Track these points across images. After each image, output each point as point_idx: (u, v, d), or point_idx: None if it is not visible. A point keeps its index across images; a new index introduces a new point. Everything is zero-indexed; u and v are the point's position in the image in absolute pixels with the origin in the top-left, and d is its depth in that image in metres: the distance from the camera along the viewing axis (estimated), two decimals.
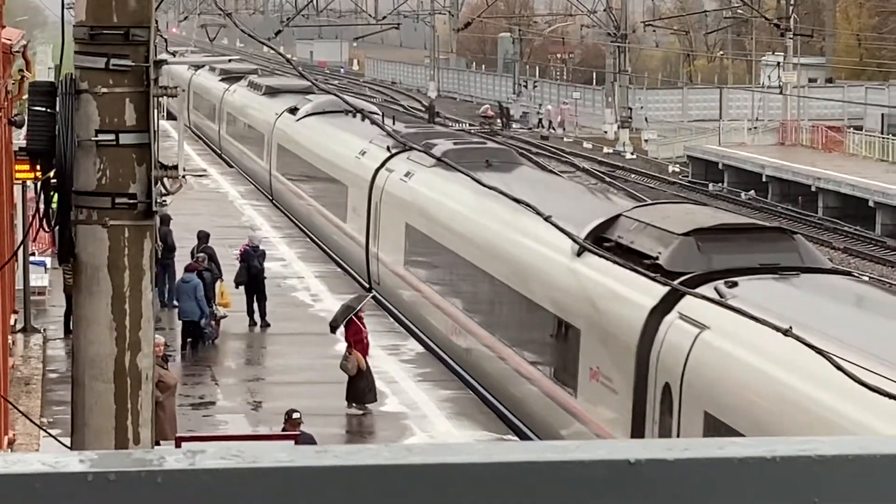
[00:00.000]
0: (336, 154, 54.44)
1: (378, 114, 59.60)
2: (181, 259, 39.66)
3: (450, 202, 39.16)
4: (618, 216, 30.85)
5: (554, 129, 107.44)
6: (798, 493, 1.69)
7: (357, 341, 31.80)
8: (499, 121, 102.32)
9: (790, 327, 17.97)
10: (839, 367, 18.45)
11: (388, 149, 45.31)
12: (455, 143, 44.30)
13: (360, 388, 31.26)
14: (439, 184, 40.07)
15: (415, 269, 41.92)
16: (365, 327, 32.72)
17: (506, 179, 35.51)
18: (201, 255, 38.44)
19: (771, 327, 18.30)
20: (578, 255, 30.56)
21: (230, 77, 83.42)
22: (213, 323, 37.69)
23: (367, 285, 45.49)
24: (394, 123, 55.47)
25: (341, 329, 33.52)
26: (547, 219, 22.56)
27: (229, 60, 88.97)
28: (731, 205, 64.42)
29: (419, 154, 39.16)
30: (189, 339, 37.04)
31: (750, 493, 1.69)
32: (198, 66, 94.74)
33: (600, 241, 29.78)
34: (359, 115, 53.69)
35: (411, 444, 5.69)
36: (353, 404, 31.16)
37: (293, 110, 63.37)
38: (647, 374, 26.76)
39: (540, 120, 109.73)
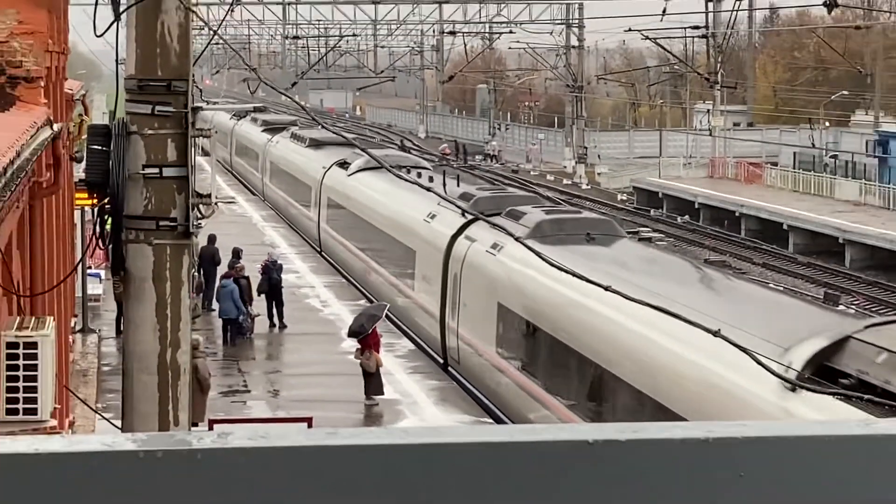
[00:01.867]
0: (400, 214, 43.07)
1: (429, 170, 49.95)
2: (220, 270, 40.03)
3: (558, 286, 26.93)
4: (845, 338, 19.73)
5: (501, 161, 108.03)
6: (727, 468, 1.69)
7: (375, 343, 31.78)
8: (457, 156, 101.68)
9: None
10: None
11: (464, 214, 33.73)
12: (547, 213, 33.34)
13: (376, 382, 31.29)
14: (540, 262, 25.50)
15: (511, 355, 30.28)
16: (378, 332, 32.67)
17: (615, 259, 28.85)
18: (240, 264, 38.76)
19: None
20: (793, 390, 19.48)
21: (272, 128, 77.26)
22: (249, 320, 38.00)
23: (443, 360, 35.31)
24: (458, 184, 42.87)
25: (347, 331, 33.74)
26: (718, 334, 17.59)
27: (254, 108, 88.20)
28: (668, 226, 64.14)
29: (505, 222, 30.41)
30: (228, 334, 37.43)
31: (688, 468, 1.69)
32: (240, 116, 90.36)
33: (825, 372, 19.32)
34: (414, 171, 45.56)
35: (406, 426, 5.65)
36: (371, 396, 31.14)
37: (343, 164, 53.21)
38: None
39: (486, 154, 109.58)
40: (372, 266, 46.00)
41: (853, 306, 36.13)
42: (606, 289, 18.14)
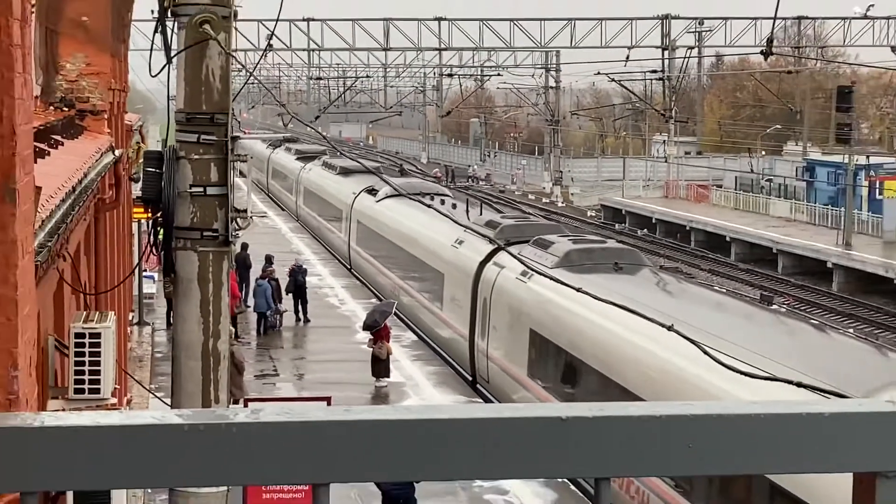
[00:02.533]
0: (429, 239, 39.60)
1: (450, 196, 48.01)
2: (254, 273, 40.23)
3: (595, 317, 23.66)
4: None
5: (482, 182, 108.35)
6: (678, 441, 1.69)
7: (385, 334, 31.87)
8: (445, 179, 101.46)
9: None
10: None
11: (491, 241, 30.87)
12: (574, 242, 30.04)
13: (384, 367, 31.35)
14: (571, 292, 22.02)
15: (544, 381, 27.04)
16: (388, 325, 32.69)
17: (644, 289, 25.90)
18: (271, 268, 38.99)
19: None
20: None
21: (305, 157, 74.70)
22: (277, 315, 38.24)
23: (471, 378, 32.36)
24: (481, 212, 40.02)
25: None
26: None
27: (286, 139, 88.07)
28: (630, 238, 64.15)
29: (533, 251, 29.12)
30: (260, 326, 37.59)
31: (645, 440, 1.69)
32: (275, 145, 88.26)
33: None
34: (437, 198, 43.03)
35: (409, 404, 5.64)
36: (380, 378, 31.20)
37: (372, 191, 50.29)
38: None
39: (469, 176, 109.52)
40: (400, 285, 42.96)
41: (784, 305, 35.81)
42: (670, 328, 15.85)
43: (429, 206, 35.21)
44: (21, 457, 1.60)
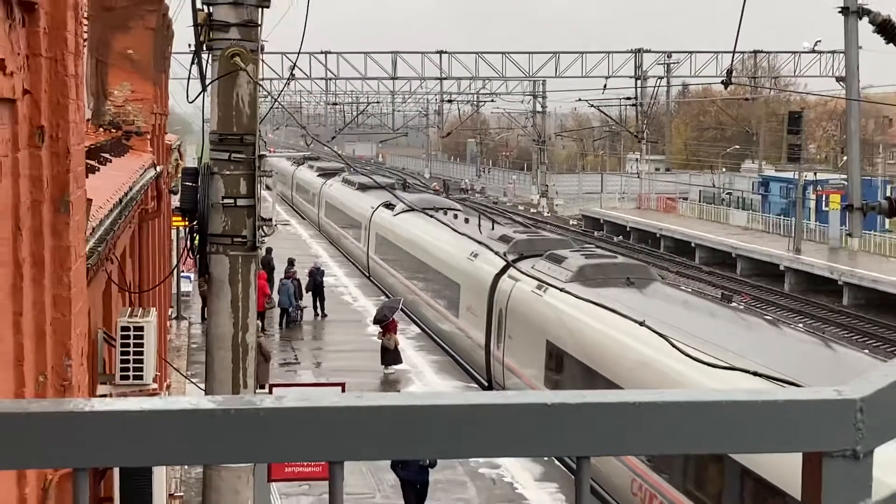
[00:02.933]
0: (444, 252, 37.07)
1: (461, 210, 45.90)
2: (277, 274, 40.46)
3: (612, 332, 21.70)
4: None
5: (477, 193, 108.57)
6: (649, 424, 1.70)
7: (393, 327, 31.90)
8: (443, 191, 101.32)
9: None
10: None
11: (505, 255, 29.74)
12: (587, 257, 27.79)
13: (393, 356, 31.42)
14: (588, 306, 22.13)
15: (560, 389, 16.51)
16: (395, 319, 32.69)
17: (656, 303, 24.01)
18: (293, 270, 39.16)
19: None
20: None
21: (326, 173, 73.07)
22: (298, 311, 38.41)
23: (487, 383, 30.06)
24: (493, 227, 37.52)
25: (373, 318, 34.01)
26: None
27: (308, 157, 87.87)
28: (607, 244, 64.17)
29: (547, 265, 27.59)
30: (283, 320, 37.69)
31: (620, 424, 1.69)
32: (299, 163, 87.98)
33: None
34: (450, 213, 42.14)
35: (413, 391, 5.65)
36: (388, 366, 31.25)
37: (389, 206, 47.74)
38: None
39: (461, 189, 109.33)
40: (418, 293, 40.74)
41: (742, 303, 35.77)
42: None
43: (442, 220, 35.20)
44: (74, 437, 1.60)
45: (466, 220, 40.01)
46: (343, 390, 17.39)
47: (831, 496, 1.74)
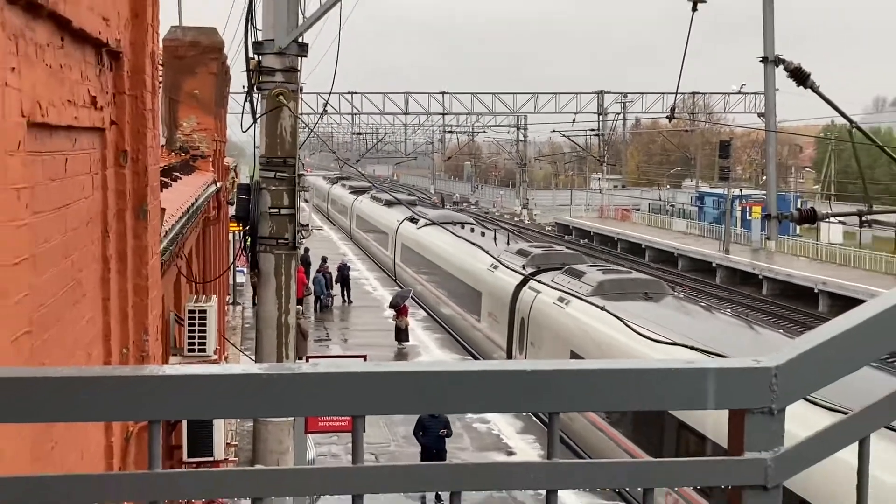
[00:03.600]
0: (466, 263, 33.88)
1: (474, 224, 42.86)
2: (312, 269, 40.35)
3: (631, 342, 18.42)
4: None
5: (471, 204, 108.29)
6: (604, 387, 1.70)
7: (405, 311, 31.83)
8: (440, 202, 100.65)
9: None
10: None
11: (524, 267, 27.85)
12: (605, 273, 24.85)
13: (405, 334, 31.41)
14: (610, 319, 19.36)
15: None
16: (406, 305, 32.62)
17: (672, 314, 21.37)
18: (326, 265, 39.25)
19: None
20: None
21: (356, 191, 70.13)
22: (329, 298, 38.34)
23: None
24: (508, 241, 34.70)
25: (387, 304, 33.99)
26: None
27: (339, 177, 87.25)
28: (574, 245, 64.05)
29: (566, 279, 24.77)
30: (317, 306, 37.56)
31: (586, 384, 1.69)
32: (333, 182, 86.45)
33: None
34: (466, 227, 39.70)
35: (421, 360, 5.65)
36: (401, 342, 31.22)
37: (413, 220, 44.36)
38: None
39: (454, 201, 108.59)
40: (440, 297, 37.87)
41: (682, 292, 35.46)
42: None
43: (461, 234, 33.26)
44: (150, 395, 1.60)
45: (482, 234, 37.82)
46: (364, 360, 17.35)
47: (752, 444, 1.75)
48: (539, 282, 26.03)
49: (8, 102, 3.39)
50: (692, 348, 15.39)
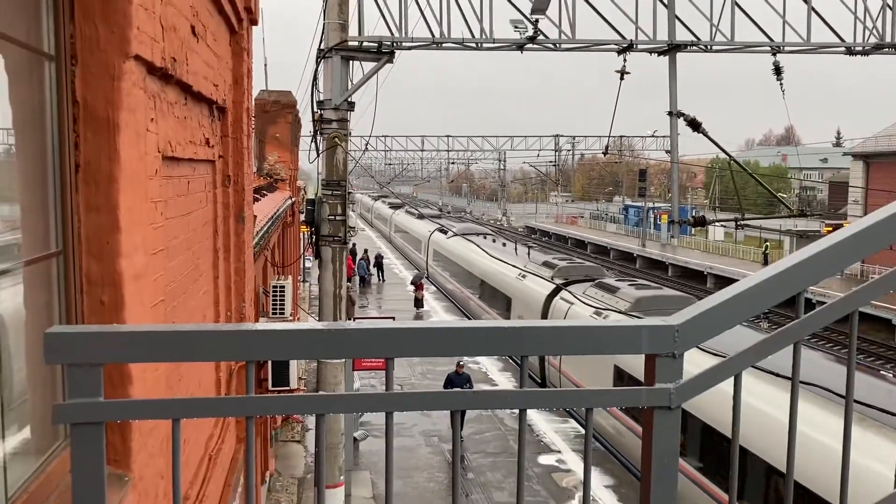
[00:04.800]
0: (495, 271, 27.52)
1: (493, 235, 37.56)
2: (357, 257, 40.23)
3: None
4: None
5: (467, 213, 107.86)
6: (560, 338, 1.69)
7: (421, 287, 31.72)
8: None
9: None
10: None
11: (552, 278, 22.50)
12: (637, 289, 19.07)
13: (420, 302, 31.30)
14: None
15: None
16: (422, 283, 32.47)
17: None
18: (366, 254, 39.21)
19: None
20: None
21: (394, 206, 66.36)
22: (369, 277, 38.29)
23: (540, 381, 20.91)
24: (529, 253, 28.39)
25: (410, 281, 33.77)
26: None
27: (381, 195, 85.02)
28: (539, 241, 63.72)
29: (600, 293, 19.41)
30: (361, 284, 37.33)
31: (555, 336, 1.68)
32: (376, 199, 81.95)
33: None
34: (488, 237, 35.31)
35: (432, 320, 5.62)
36: (418, 308, 31.11)
37: (443, 230, 40.06)
38: None
39: (448, 211, 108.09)
40: (470, 297, 31.13)
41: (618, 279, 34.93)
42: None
43: (484, 245, 29.73)
44: (247, 344, 1.60)
45: (504, 245, 32.47)
46: (393, 320, 17.06)
47: (660, 378, 1.74)
48: (571, 293, 20.51)
49: (149, 142, 3.40)
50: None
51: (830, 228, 40.33)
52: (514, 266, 26.13)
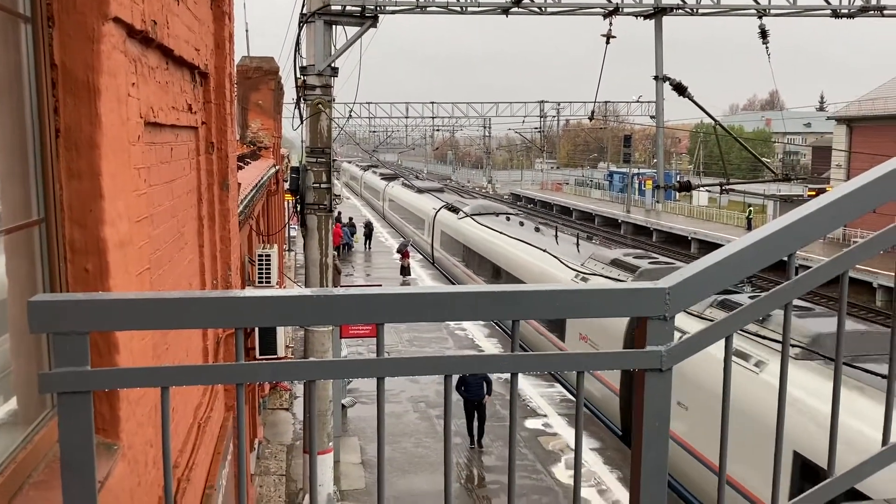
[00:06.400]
0: (516, 256, 22.84)
1: (518, 217, 30.27)
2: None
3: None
4: None
5: (451, 180, 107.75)
6: (545, 301, 1.68)
7: (406, 254, 31.70)
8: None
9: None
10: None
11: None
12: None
13: (406, 270, 31.31)
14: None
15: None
16: (408, 251, 32.41)
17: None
18: (351, 221, 39.35)
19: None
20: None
21: (387, 177, 58.99)
22: (354, 244, 38.32)
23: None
24: (578, 246, 21.80)
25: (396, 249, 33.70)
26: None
27: (370, 165, 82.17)
28: (524, 209, 63.68)
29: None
30: (345, 249, 37.37)
31: (546, 299, 1.68)
32: (365, 169, 76.81)
33: None
34: (513, 219, 28.82)
35: (421, 286, 5.56)
36: (404, 276, 31.14)
37: (452, 209, 33.70)
38: None
39: (427, 178, 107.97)
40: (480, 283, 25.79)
41: (601, 239, 34.91)
42: None
43: (513, 235, 24.15)
44: (234, 310, 1.58)
45: (537, 229, 26.13)
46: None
47: (652, 341, 1.74)
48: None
49: (130, 107, 3.33)
50: None
51: (814, 193, 40.65)
52: (567, 265, 19.20)
